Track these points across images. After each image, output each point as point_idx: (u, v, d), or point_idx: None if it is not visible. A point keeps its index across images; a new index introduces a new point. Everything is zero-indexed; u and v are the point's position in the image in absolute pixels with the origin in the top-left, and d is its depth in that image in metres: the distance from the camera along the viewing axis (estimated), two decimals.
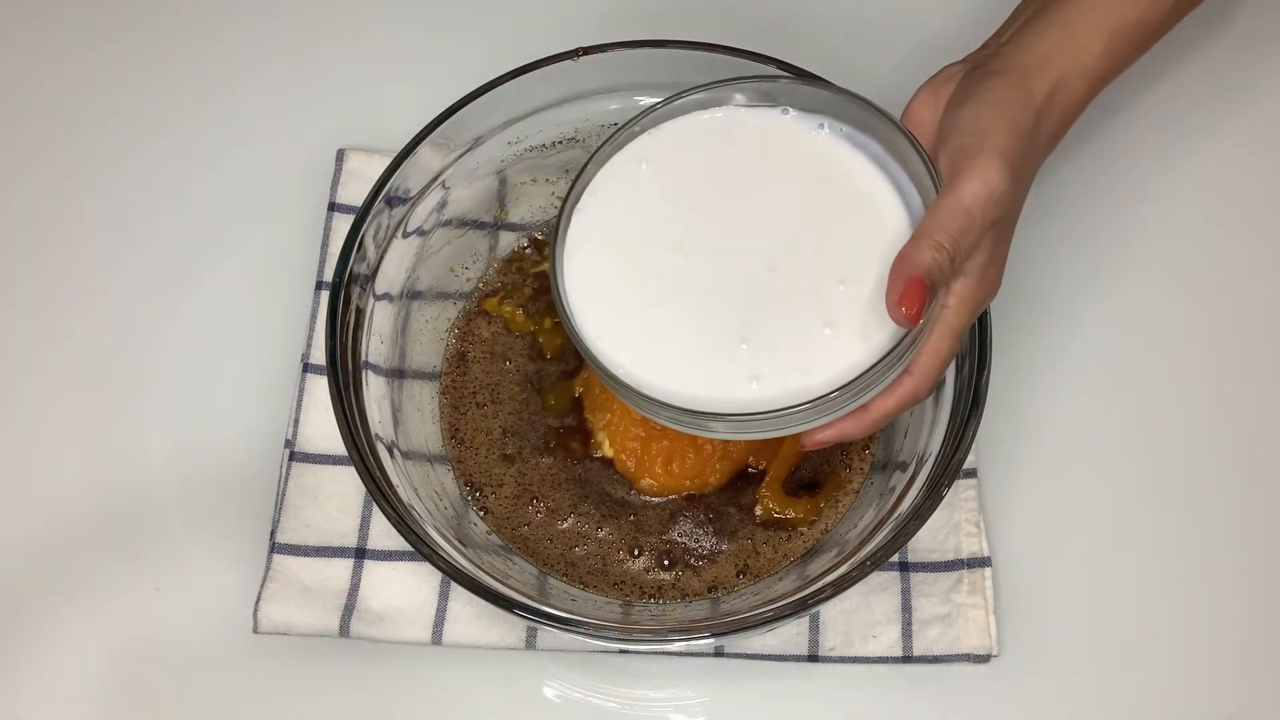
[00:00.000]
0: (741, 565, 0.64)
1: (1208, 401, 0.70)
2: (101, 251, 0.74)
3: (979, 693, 0.63)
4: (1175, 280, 0.73)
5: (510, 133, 0.66)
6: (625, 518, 0.65)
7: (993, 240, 0.54)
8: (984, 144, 0.53)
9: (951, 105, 0.56)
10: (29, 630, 0.65)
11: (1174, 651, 0.64)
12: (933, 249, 0.51)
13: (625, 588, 0.64)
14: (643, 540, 0.65)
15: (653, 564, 0.64)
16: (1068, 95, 0.57)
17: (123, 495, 0.68)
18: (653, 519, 0.65)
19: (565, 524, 0.65)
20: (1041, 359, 0.71)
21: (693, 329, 0.55)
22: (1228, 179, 0.76)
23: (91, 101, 0.79)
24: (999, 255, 0.55)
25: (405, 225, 0.64)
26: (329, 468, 0.67)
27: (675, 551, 0.64)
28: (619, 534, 0.65)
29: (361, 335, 0.61)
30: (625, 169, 0.58)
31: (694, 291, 0.56)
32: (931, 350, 0.54)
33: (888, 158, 0.56)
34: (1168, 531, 0.67)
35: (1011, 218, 0.55)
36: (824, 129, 0.58)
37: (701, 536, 0.65)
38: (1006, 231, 0.56)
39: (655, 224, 0.57)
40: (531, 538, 0.65)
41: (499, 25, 0.81)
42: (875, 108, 0.56)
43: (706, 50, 0.63)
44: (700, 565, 0.64)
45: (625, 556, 0.64)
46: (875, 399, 0.54)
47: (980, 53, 0.59)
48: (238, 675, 0.64)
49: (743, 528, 0.65)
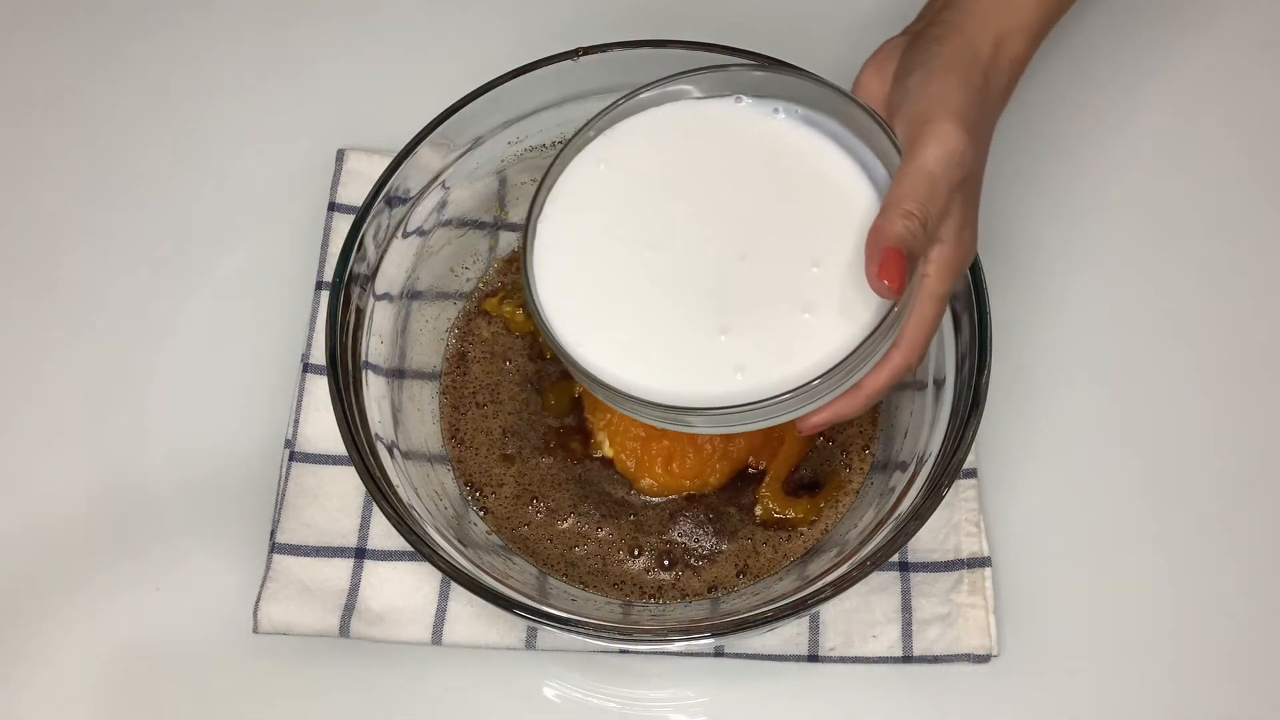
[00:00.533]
0: (741, 565, 0.64)
1: (1208, 401, 0.70)
2: (102, 252, 0.74)
3: (979, 693, 0.63)
4: (1175, 280, 0.73)
5: (510, 133, 0.66)
6: (625, 518, 0.65)
7: (961, 202, 0.54)
8: (937, 108, 0.54)
9: (899, 76, 0.57)
10: (29, 630, 0.65)
11: (1174, 651, 0.64)
12: (903, 217, 0.52)
13: (625, 588, 0.64)
14: (643, 540, 0.65)
15: (653, 564, 0.64)
16: (1011, 50, 0.58)
17: (123, 495, 0.68)
18: (653, 519, 0.65)
19: (565, 524, 0.65)
20: (1041, 359, 0.71)
21: (671, 326, 0.55)
22: (1230, 176, 0.76)
23: (92, 102, 0.79)
24: (970, 217, 0.56)
25: (405, 225, 0.64)
26: (329, 468, 0.67)
27: (675, 551, 0.64)
28: (619, 534, 0.65)
29: (361, 335, 0.61)
30: (585, 172, 0.58)
31: (668, 288, 0.55)
32: (917, 321, 0.54)
33: (848, 135, 0.56)
34: (1168, 531, 0.67)
35: (975, 177, 0.56)
36: (779, 113, 0.58)
37: (701, 536, 0.65)
38: (973, 192, 0.56)
39: (621, 224, 0.57)
40: (531, 538, 0.65)
41: (499, 25, 0.81)
42: (830, 85, 0.56)
43: (706, 50, 0.63)
44: (700, 565, 0.64)
45: (625, 556, 0.64)
46: (866, 376, 0.54)
47: (917, 24, 0.60)
48: (238, 675, 0.64)
49: (743, 528, 0.65)
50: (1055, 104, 0.78)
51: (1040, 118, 0.77)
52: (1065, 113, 0.78)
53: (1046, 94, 0.78)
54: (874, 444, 0.67)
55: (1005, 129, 0.77)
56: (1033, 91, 0.78)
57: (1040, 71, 0.79)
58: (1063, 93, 0.79)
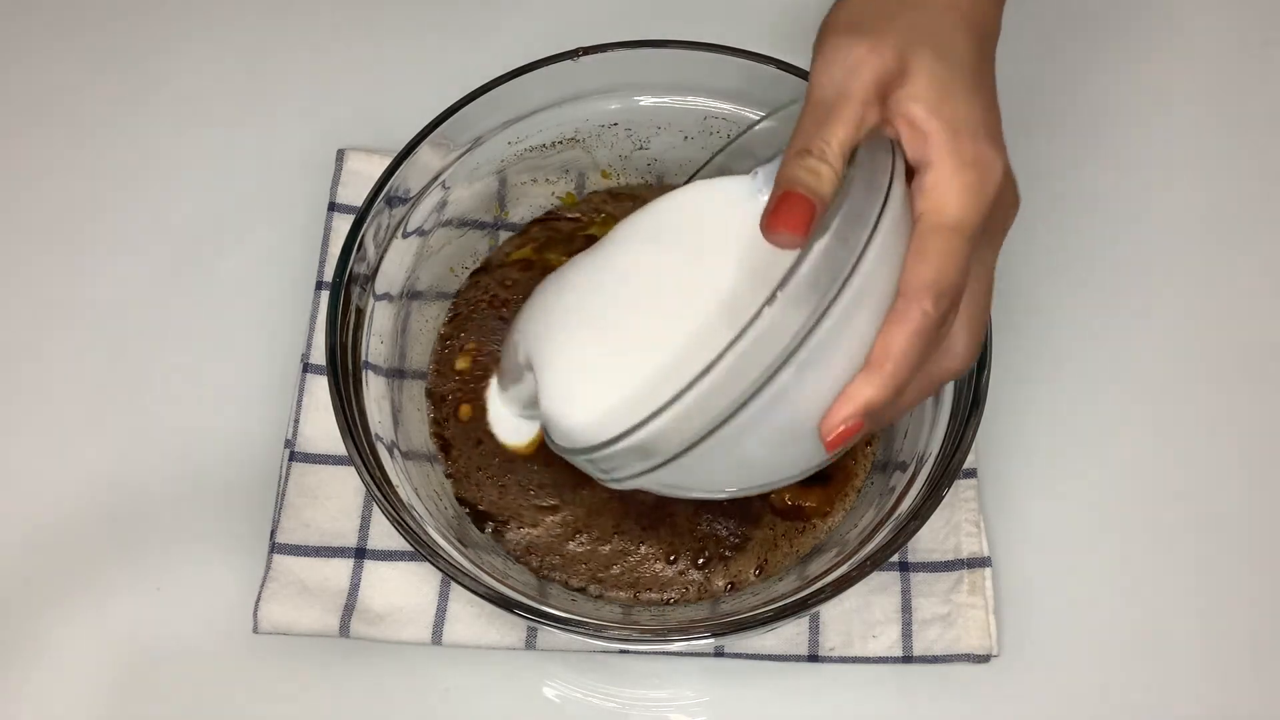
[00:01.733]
0: (761, 560, 0.63)
1: (1208, 400, 0.70)
2: (102, 252, 0.74)
3: (979, 693, 0.63)
4: (1175, 280, 0.74)
5: (510, 133, 0.66)
6: (625, 516, 0.65)
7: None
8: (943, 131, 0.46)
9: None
10: (29, 630, 0.65)
11: (1174, 651, 0.64)
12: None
13: (654, 591, 0.63)
14: (679, 544, 0.64)
15: (688, 565, 0.63)
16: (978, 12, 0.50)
17: (123, 495, 0.68)
18: (683, 521, 0.64)
19: (555, 516, 0.65)
20: (1041, 359, 0.71)
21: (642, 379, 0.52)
22: (1231, 176, 0.76)
23: (92, 102, 0.79)
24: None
25: (405, 225, 0.64)
26: (329, 468, 0.67)
27: (708, 546, 0.63)
28: (659, 544, 0.64)
29: (361, 335, 0.61)
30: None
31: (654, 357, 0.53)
32: (916, 253, 0.44)
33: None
34: (1168, 531, 0.67)
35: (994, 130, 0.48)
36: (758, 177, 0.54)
37: (730, 525, 0.63)
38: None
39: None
40: (568, 564, 0.65)
41: (499, 25, 0.81)
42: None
43: (706, 50, 0.63)
44: (731, 556, 0.63)
45: (664, 566, 0.64)
46: (876, 341, 0.45)
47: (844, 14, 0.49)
48: (238, 675, 0.64)
49: (764, 515, 0.64)
50: (1054, 102, 0.78)
51: (1039, 117, 0.77)
52: (1065, 112, 0.78)
53: (1046, 91, 0.78)
54: (874, 443, 0.67)
55: (1006, 127, 0.78)
56: (1032, 88, 0.78)
57: (1039, 70, 0.79)
58: (1062, 92, 0.79)
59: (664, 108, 0.67)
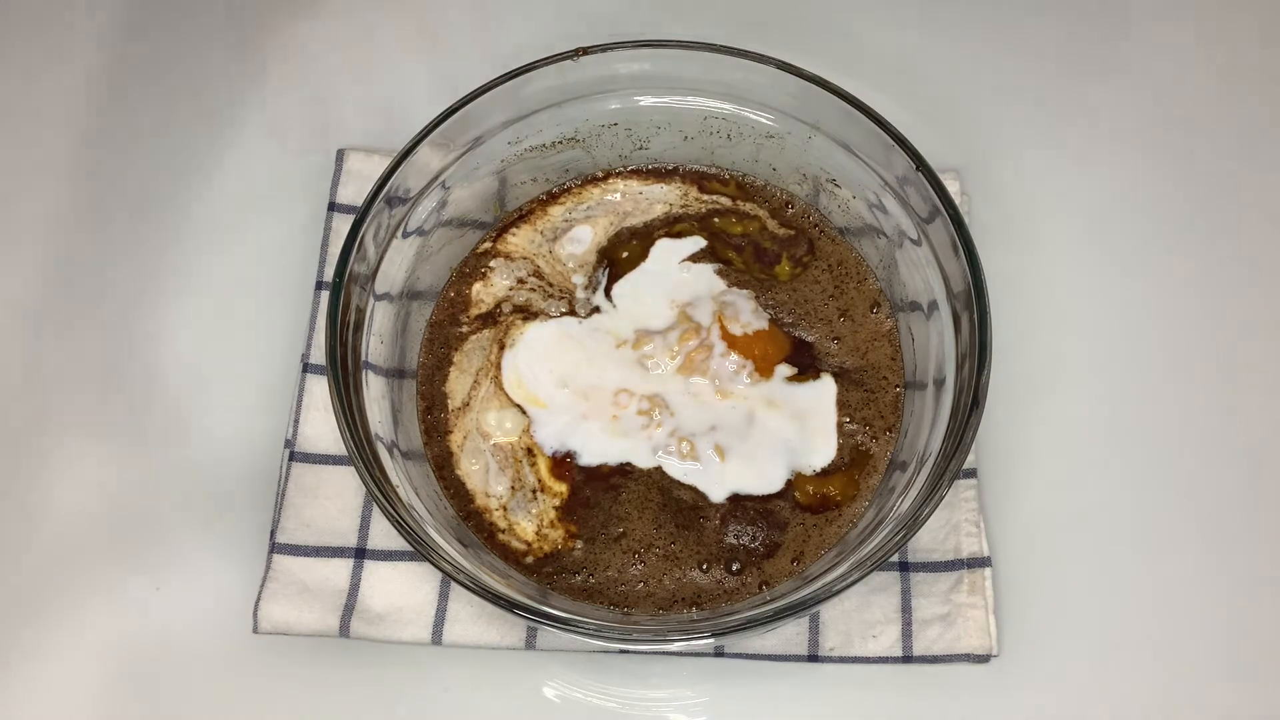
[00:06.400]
0: (796, 553, 0.63)
1: (1208, 402, 0.70)
2: (102, 252, 0.74)
3: (979, 693, 0.63)
4: (1175, 281, 0.73)
5: (510, 133, 0.66)
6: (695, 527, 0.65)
7: None
8: None
9: None
10: (30, 630, 0.65)
11: (1173, 651, 0.64)
12: None
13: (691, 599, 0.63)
14: (705, 551, 0.63)
15: (723, 573, 0.63)
16: None
17: (123, 495, 0.68)
18: (709, 530, 0.64)
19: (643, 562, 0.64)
20: (1041, 359, 0.71)
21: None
22: (1231, 177, 0.76)
23: (92, 103, 0.79)
24: None
25: (405, 225, 0.64)
26: (329, 468, 0.67)
27: (738, 552, 0.63)
28: (687, 548, 0.64)
29: (361, 335, 0.61)
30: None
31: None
32: None
33: None
34: (1167, 531, 0.67)
35: None
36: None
37: (756, 534, 0.63)
38: None
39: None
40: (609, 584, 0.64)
41: (499, 25, 0.81)
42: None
43: (706, 50, 0.63)
44: (762, 562, 0.62)
45: (697, 573, 0.64)
46: None
47: None
48: (238, 675, 0.64)
49: (793, 517, 0.63)
50: (1054, 103, 0.78)
51: (1039, 117, 0.78)
52: (1064, 113, 0.78)
53: (1044, 93, 0.78)
54: (894, 431, 0.66)
55: (1005, 128, 0.78)
56: (1032, 92, 0.78)
57: (1038, 70, 0.79)
58: (1061, 92, 0.79)
59: (664, 108, 0.67)
